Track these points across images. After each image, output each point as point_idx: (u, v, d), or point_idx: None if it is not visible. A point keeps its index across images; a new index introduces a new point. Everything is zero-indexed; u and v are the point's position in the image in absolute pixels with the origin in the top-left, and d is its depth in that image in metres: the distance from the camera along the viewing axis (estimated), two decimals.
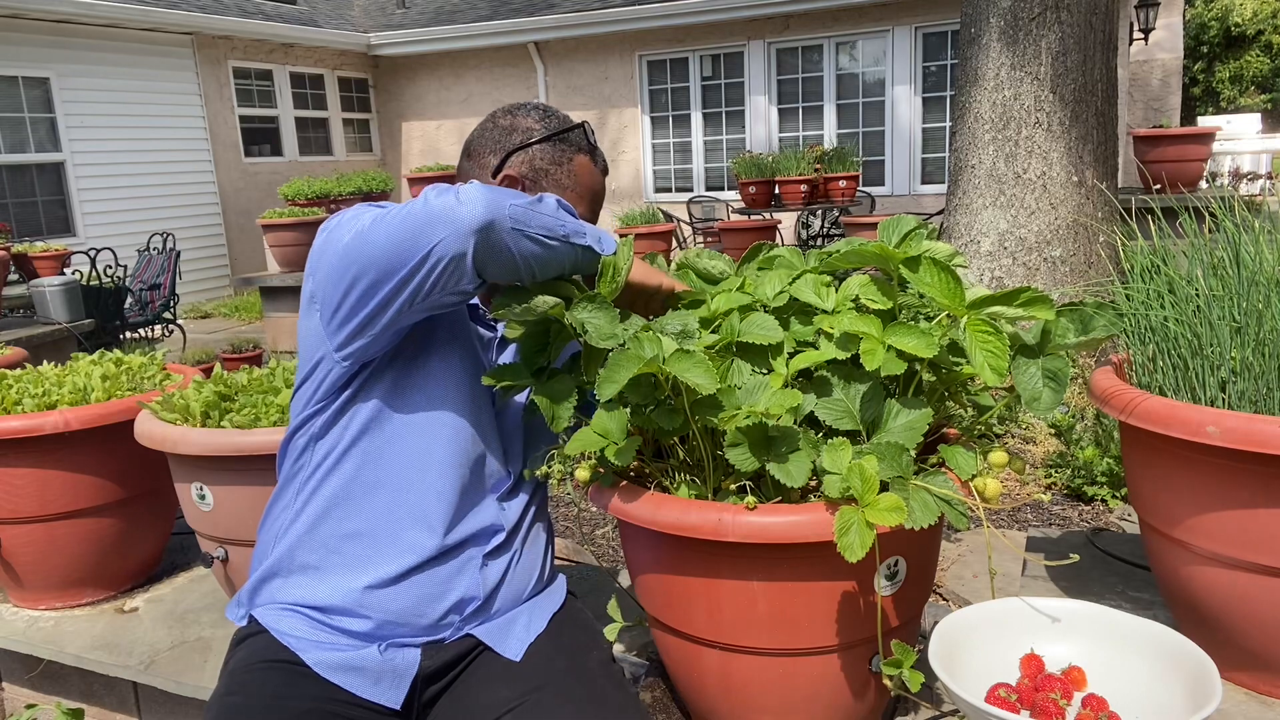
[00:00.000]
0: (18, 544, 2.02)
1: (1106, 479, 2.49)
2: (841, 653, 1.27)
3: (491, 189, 1.13)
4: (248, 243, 10.73)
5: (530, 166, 1.40)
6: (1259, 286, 1.39)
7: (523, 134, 1.41)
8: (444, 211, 1.10)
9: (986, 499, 1.22)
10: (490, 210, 1.10)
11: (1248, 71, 22.40)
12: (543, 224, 1.16)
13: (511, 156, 1.40)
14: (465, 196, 1.10)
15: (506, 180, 1.39)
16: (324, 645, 1.27)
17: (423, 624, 1.30)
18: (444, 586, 1.30)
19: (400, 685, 1.27)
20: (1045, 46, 3.53)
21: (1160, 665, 1.18)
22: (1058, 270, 3.58)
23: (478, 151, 1.42)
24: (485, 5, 12.19)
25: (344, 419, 1.30)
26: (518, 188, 1.37)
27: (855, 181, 8.13)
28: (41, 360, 2.41)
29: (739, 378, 1.26)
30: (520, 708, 1.24)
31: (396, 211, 1.14)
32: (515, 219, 1.12)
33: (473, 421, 1.34)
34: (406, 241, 1.11)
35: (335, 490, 1.30)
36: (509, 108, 1.46)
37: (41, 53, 8.78)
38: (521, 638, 1.35)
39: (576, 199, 1.42)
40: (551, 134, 1.41)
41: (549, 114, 1.45)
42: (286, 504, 1.36)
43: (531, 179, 1.40)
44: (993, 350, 1.17)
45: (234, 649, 1.32)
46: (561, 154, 1.42)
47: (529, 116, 1.43)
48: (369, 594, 1.28)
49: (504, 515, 1.37)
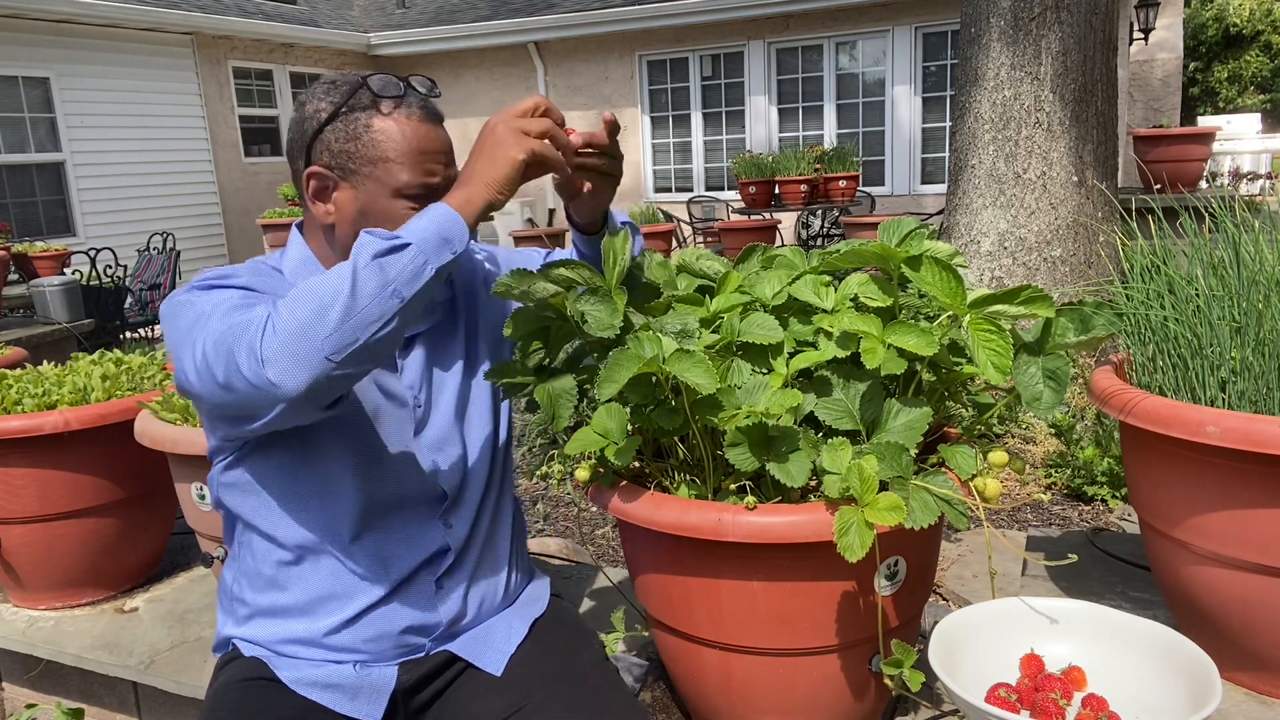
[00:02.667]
0: (18, 544, 2.02)
1: (1106, 479, 2.49)
2: (841, 653, 1.27)
3: (288, 328, 0.97)
4: (248, 243, 10.73)
5: (330, 153, 1.20)
6: (1259, 286, 1.39)
7: (311, 120, 1.21)
8: (260, 393, 0.99)
9: (986, 499, 1.22)
10: (307, 371, 0.97)
11: (1246, 71, 22.40)
12: (369, 318, 0.98)
13: (311, 150, 1.21)
14: (273, 371, 0.97)
15: (312, 178, 1.21)
16: (299, 664, 1.27)
17: (390, 649, 1.28)
18: (401, 621, 1.27)
19: (379, 700, 1.26)
20: (1045, 46, 3.53)
21: (1160, 665, 1.18)
22: (1058, 270, 3.58)
23: (290, 155, 1.25)
24: (485, 5, 12.19)
25: (240, 495, 1.27)
26: (328, 182, 1.20)
27: (855, 181, 8.13)
28: (41, 360, 2.41)
29: (739, 377, 1.26)
30: (514, 716, 1.24)
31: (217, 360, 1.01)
32: (338, 350, 0.98)
33: (381, 459, 1.26)
34: (235, 406, 1.03)
35: (259, 572, 1.29)
36: (304, 94, 1.25)
37: (41, 53, 8.78)
38: (501, 649, 1.32)
39: (397, 167, 1.19)
40: (337, 108, 1.19)
41: (335, 85, 1.22)
42: (234, 545, 1.35)
43: (338, 166, 1.20)
44: (996, 349, 1.17)
45: (217, 673, 1.32)
46: (355, 124, 1.19)
47: (315, 97, 1.22)
48: (330, 637, 1.26)
49: (451, 534, 1.30)
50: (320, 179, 1.21)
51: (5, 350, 2.93)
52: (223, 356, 1.01)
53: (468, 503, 1.33)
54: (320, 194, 1.22)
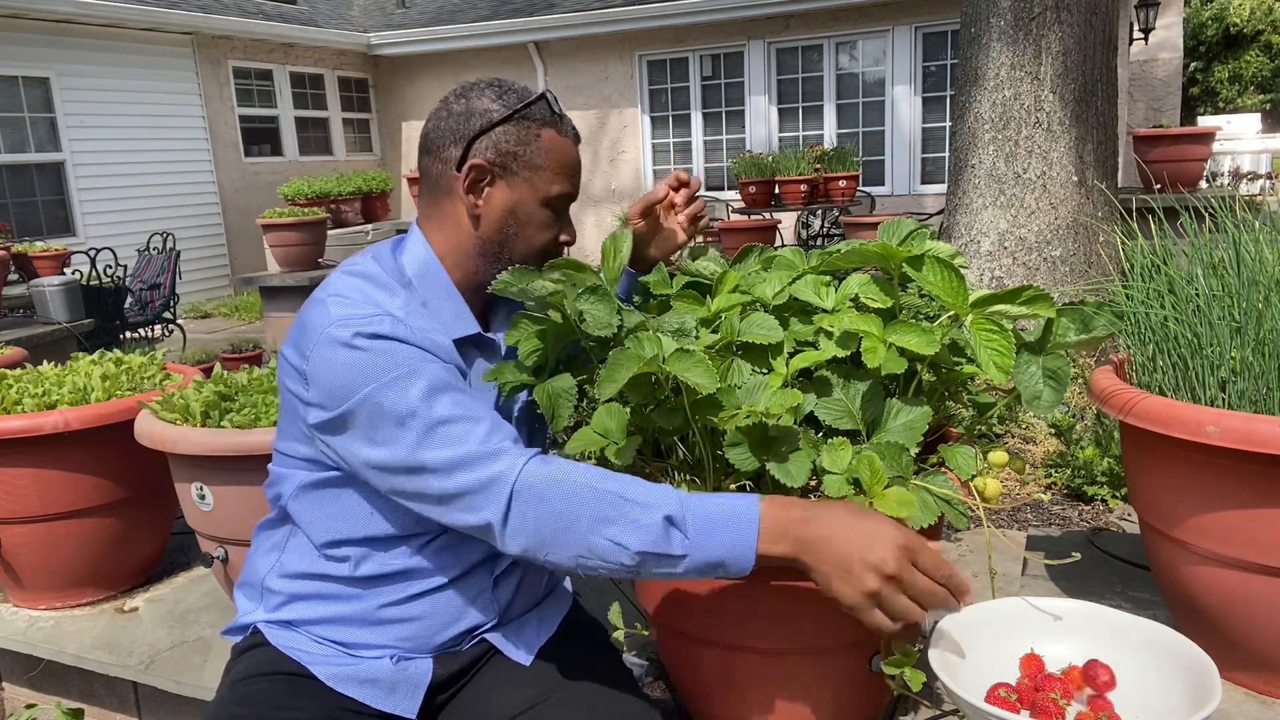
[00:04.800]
0: (18, 544, 2.02)
1: (1106, 479, 2.49)
2: (842, 652, 1.27)
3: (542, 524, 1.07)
4: (248, 243, 10.73)
5: (496, 151, 1.27)
6: (1259, 286, 1.39)
7: (481, 117, 1.27)
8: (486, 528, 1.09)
9: (986, 499, 1.22)
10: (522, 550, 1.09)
11: (1246, 71, 22.40)
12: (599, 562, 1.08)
13: (475, 143, 1.27)
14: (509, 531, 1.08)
15: (474, 170, 1.27)
16: (332, 660, 1.26)
17: (434, 643, 1.29)
18: (457, 613, 1.28)
19: (415, 695, 1.25)
20: (1045, 46, 3.53)
21: (1160, 665, 1.18)
22: (1058, 270, 3.58)
23: (438, 145, 1.29)
24: (485, 5, 12.19)
25: (311, 503, 1.27)
26: (486, 176, 1.27)
27: (855, 181, 8.13)
28: (41, 360, 2.40)
29: (739, 377, 1.26)
30: (533, 710, 1.24)
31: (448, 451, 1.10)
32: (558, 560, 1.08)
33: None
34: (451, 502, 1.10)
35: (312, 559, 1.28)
36: (461, 90, 1.32)
37: (41, 53, 8.78)
38: (532, 642, 1.34)
39: (553, 176, 1.30)
40: (513, 111, 1.27)
41: (505, 89, 1.31)
42: (284, 532, 1.33)
43: (500, 164, 1.27)
44: (998, 349, 1.17)
45: (236, 659, 1.31)
46: (527, 131, 1.28)
47: (484, 96, 1.29)
48: (384, 610, 1.26)
49: None
50: (480, 172, 1.27)
51: (5, 350, 2.93)
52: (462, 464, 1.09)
53: None
54: (474, 186, 1.28)
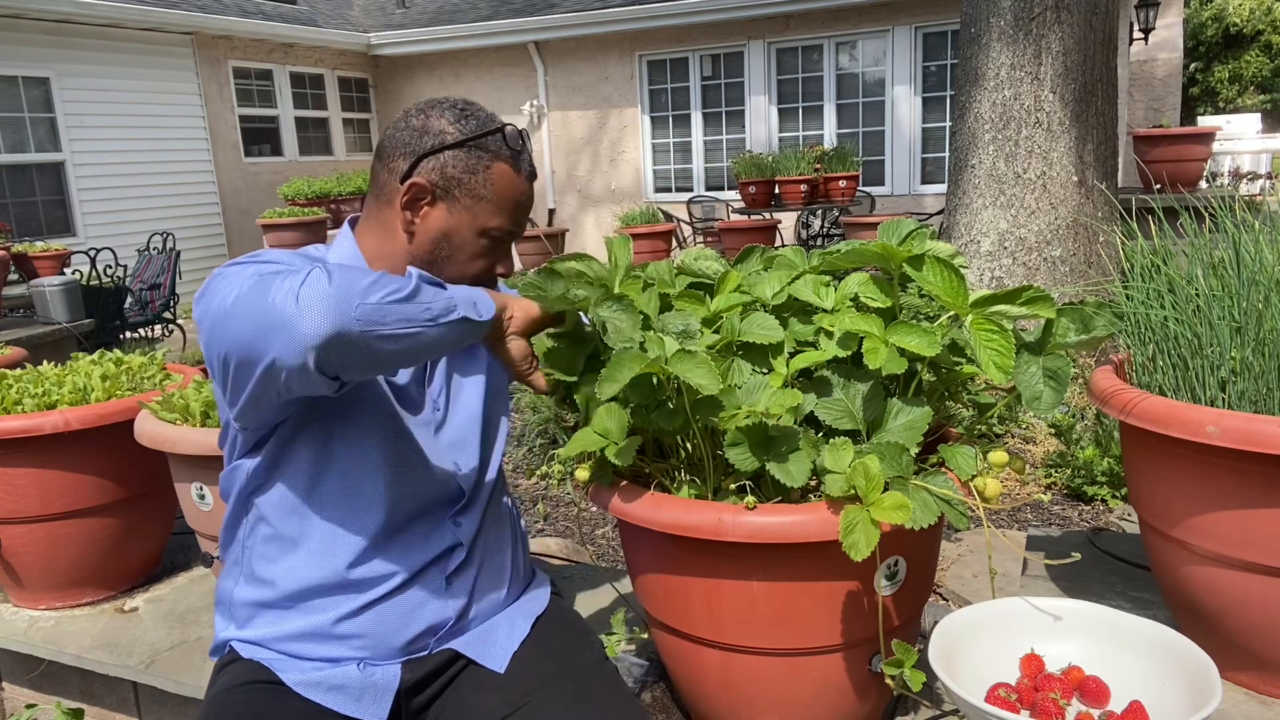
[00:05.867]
0: (18, 544, 2.02)
1: (1106, 479, 2.49)
2: (842, 652, 1.27)
3: (339, 282, 1.02)
4: (248, 243, 10.73)
5: (442, 174, 1.26)
6: (1259, 286, 1.39)
7: (435, 137, 1.27)
8: (281, 317, 1.00)
9: (986, 499, 1.22)
10: (332, 319, 0.99)
11: (1246, 71, 22.40)
12: (402, 315, 1.04)
13: (422, 162, 1.26)
14: (305, 300, 1.00)
15: (414, 188, 1.26)
16: (303, 665, 1.27)
17: (396, 646, 1.29)
18: (411, 615, 1.29)
19: (383, 701, 1.26)
20: (1045, 46, 3.53)
21: (1160, 665, 1.18)
22: (1058, 270, 3.58)
23: (388, 154, 1.29)
24: (485, 5, 12.19)
25: (255, 491, 1.28)
26: (426, 196, 1.26)
27: (855, 181, 8.14)
28: (41, 360, 2.40)
29: (739, 377, 1.26)
30: (515, 714, 1.24)
31: (251, 291, 1.05)
32: (365, 320, 1.01)
33: (405, 460, 1.29)
34: (252, 336, 1.04)
35: (267, 568, 1.29)
36: (424, 105, 1.31)
37: (41, 53, 8.78)
38: (504, 646, 1.34)
39: (494, 210, 1.28)
40: (466, 139, 1.26)
41: (466, 114, 1.29)
42: (236, 549, 1.34)
43: (443, 187, 1.26)
44: (998, 349, 1.17)
45: (216, 675, 1.32)
46: (478, 161, 1.26)
47: (443, 117, 1.28)
48: (339, 625, 1.27)
49: (461, 531, 1.33)
50: (420, 190, 1.27)
51: (5, 350, 2.93)
52: (259, 287, 1.03)
53: (478, 501, 1.37)
54: (412, 204, 1.27)
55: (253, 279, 1.06)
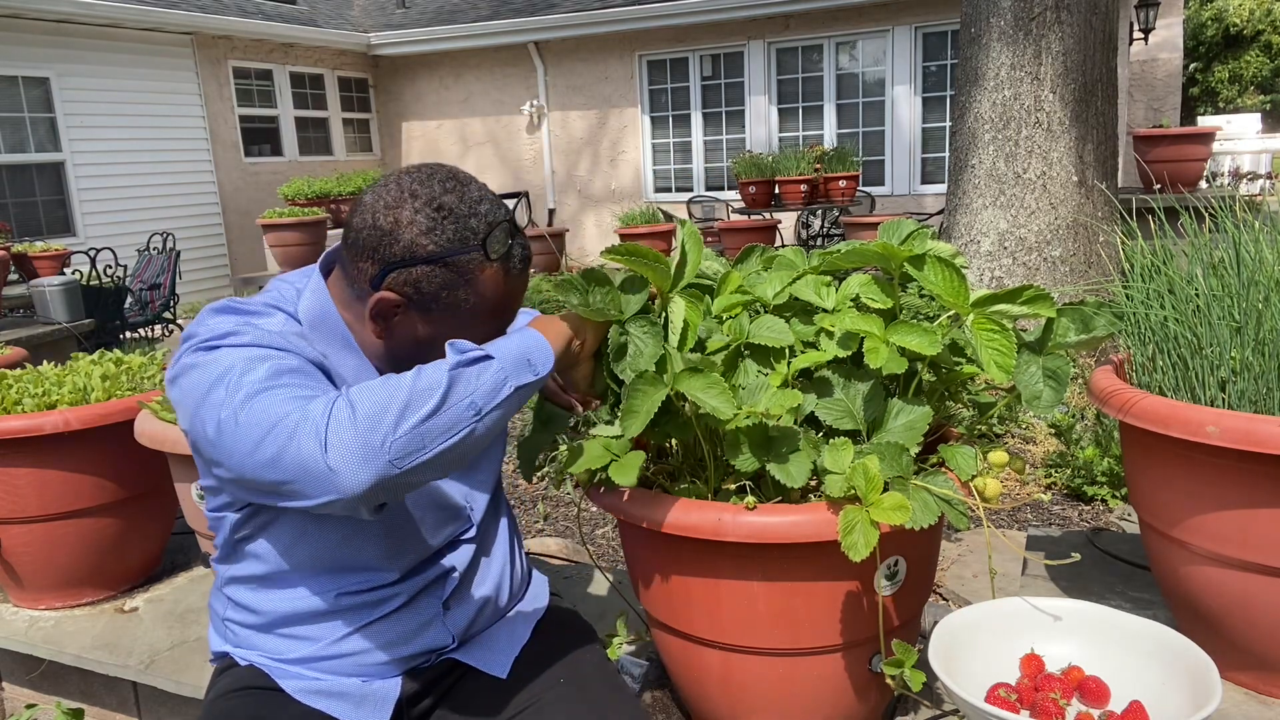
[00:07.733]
0: (18, 544, 2.02)
1: (1106, 479, 2.49)
2: (842, 652, 1.27)
3: (364, 414, 0.92)
4: (248, 243, 10.73)
5: (416, 289, 1.10)
6: (1259, 286, 1.39)
7: (404, 248, 1.09)
8: (315, 471, 0.92)
9: (986, 499, 1.22)
10: (371, 470, 0.91)
11: (1246, 72, 22.40)
12: (443, 428, 0.94)
13: (389, 273, 1.10)
14: (335, 450, 0.91)
15: (381, 302, 1.11)
16: (299, 677, 1.25)
17: (393, 663, 1.27)
18: (410, 638, 1.27)
19: (384, 709, 1.24)
20: (1045, 46, 3.53)
21: (1160, 665, 1.18)
22: (1058, 270, 3.58)
23: (357, 250, 1.12)
24: (485, 5, 12.19)
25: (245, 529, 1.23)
26: (397, 311, 1.12)
27: (855, 181, 8.14)
28: (41, 360, 2.40)
29: (745, 378, 1.26)
30: (518, 718, 1.24)
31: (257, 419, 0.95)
32: (403, 453, 0.92)
33: (411, 538, 1.26)
34: (277, 480, 0.95)
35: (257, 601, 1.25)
36: (397, 194, 1.11)
37: (41, 53, 8.77)
38: (506, 653, 1.32)
39: (481, 316, 1.14)
40: (443, 254, 1.09)
41: (443, 214, 1.10)
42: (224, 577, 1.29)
43: (417, 301, 1.11)
44: (999, 348, 1.17)
45: (215, 679, 1.31)
46: (457, 277, 1.10)
47: (415, 220, 1.09)
48: (336, 645, 1.25)
49: (456, 556, 1.31)
50: (388, 307, 1.12)
51: (5, 350, 2.93)
52: (273, 428, 0.96)
53: (472, 518, 1.35)
54: (381, 316, 1.13)
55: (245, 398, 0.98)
